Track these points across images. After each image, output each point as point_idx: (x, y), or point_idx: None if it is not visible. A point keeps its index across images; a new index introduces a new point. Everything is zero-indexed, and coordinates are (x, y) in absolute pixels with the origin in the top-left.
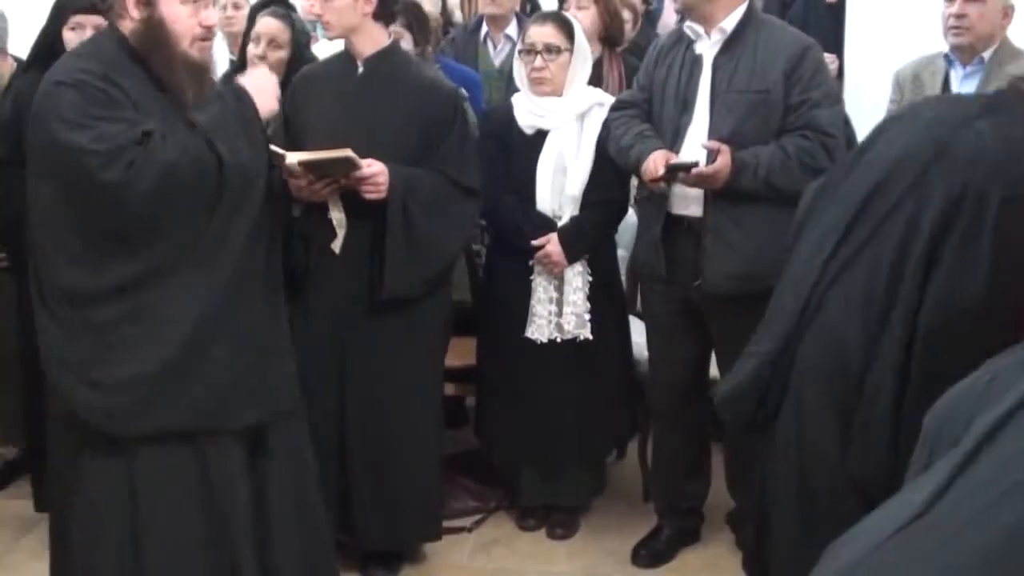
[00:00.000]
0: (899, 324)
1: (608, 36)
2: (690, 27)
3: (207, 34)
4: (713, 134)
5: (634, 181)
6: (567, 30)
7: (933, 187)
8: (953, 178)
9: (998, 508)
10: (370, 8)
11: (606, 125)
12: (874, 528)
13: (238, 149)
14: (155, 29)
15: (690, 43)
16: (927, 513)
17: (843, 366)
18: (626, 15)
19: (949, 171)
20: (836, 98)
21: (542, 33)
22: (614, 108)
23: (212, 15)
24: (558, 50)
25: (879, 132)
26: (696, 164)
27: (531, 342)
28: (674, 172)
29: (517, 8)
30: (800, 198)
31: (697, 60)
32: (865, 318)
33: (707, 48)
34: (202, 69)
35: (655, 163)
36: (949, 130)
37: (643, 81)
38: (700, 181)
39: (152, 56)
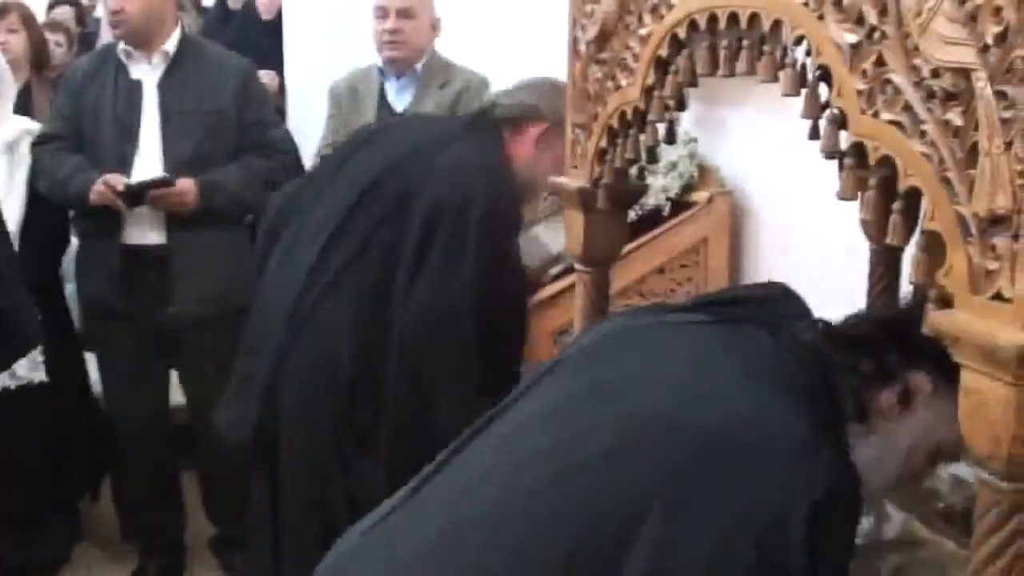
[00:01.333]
0: (397, 334)
1: (37, 60)
2: (124, 50)
3: None
4: (170, 158)
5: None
6: None
7: (419, 199)
8: (434, 191)
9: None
10: None
11: (34, 159)
12: (363, 521)
13: None
14: None
15: (121, 66)
16: (402, 507)
17: (336, 381)
18: (60, 38)
19: (431, 185)
20: (281, 117)
21: None
22: (38, 142)
23: None
24: None
25: (363, 142)
26: (169, 179)
27: None
28: (143, 191)
29: None
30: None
31: (136, 84)
32: (357, 331)
33: (148, 72)
34: None
35: (110, 184)
36: (433, 146)
37: (67, 111)
38: (169, 201)
39: None
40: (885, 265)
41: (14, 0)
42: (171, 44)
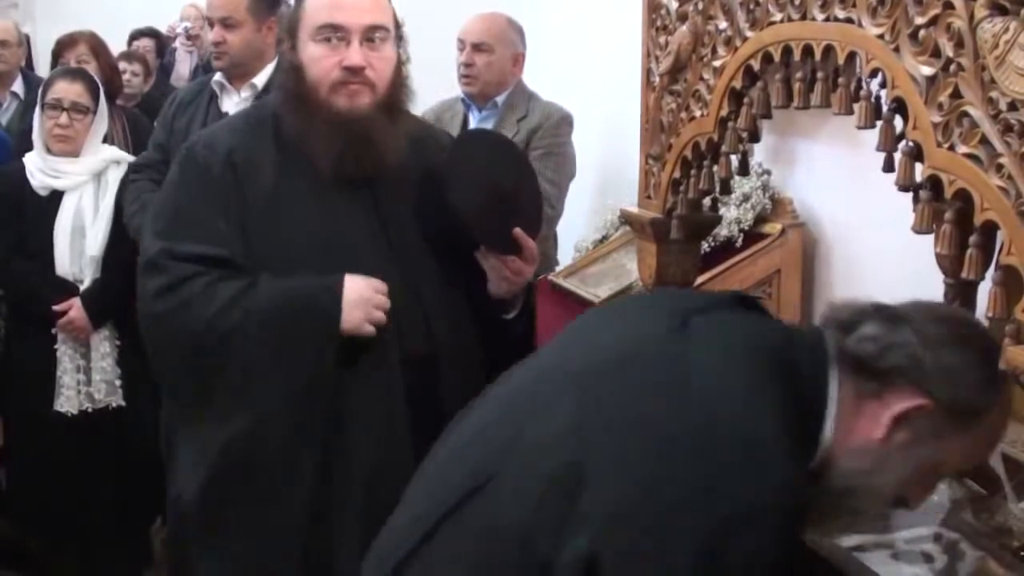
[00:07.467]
0: None
1: (108, 89)
2: (219, 82)
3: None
4: None
5: None
6: (94, 89)
7: None
8: None
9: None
10: None
11: (130, 190)
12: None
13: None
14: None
15: (214, 96)
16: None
17: None
18: (137, 68)
19: None
20: None
21: (72, 91)
22: (135, 170)
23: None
24: (86, 110)
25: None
26: None
27: (61, 416)
28: None
29: (23, 64)
30: None
31: (224, 116)
32: None
33: (237, 104)
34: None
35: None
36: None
37: (161, 138)
38: None
39: (286, 114)
40: (960, 299)
41: (85, 31)
42: (261, 78)
